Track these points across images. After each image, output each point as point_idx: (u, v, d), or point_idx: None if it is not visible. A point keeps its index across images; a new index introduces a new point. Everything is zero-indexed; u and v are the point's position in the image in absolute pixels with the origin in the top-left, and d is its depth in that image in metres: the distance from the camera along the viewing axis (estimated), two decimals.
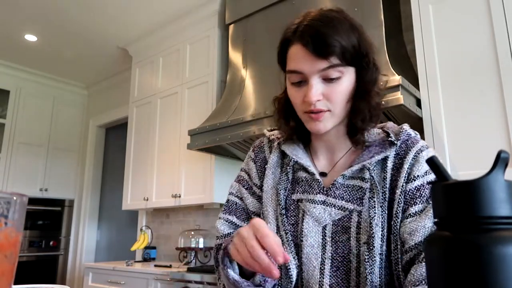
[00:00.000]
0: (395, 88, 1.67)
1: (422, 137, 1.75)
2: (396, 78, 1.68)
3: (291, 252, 0.75)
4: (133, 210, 3.58)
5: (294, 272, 0.74)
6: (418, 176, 0.72)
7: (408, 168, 0.73)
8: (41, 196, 4.19)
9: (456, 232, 0.30)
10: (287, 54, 0.75)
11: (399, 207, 0.72)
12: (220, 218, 0.87)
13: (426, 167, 0.73)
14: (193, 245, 2.93)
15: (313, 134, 0.82)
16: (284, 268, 0.75)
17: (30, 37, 3.57)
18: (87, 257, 4.26)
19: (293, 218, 0.78)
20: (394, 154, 0.76)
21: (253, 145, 0.93)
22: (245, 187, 0.88)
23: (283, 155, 0.85)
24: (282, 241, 0.76)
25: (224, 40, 2.96)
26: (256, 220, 0.61)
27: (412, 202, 0.71)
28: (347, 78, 0.72)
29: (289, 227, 0.77)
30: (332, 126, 0.75)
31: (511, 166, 0.91)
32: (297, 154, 0.81)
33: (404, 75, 1.74)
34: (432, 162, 0.33)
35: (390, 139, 0.76)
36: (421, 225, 0.69)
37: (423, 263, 0.66)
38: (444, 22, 1.79)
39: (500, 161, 0.30)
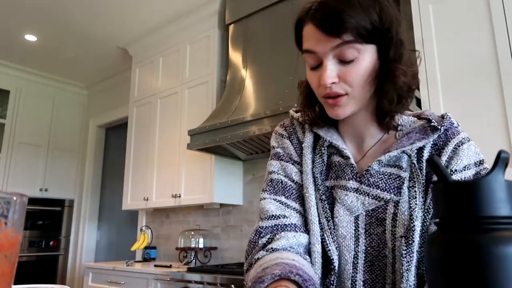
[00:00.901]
0: None
1: None
2: None
3: (333, 242, 0.69)
4: (133, 210, 3.58)
5: (336, 264, 0.68)
6: (456, 170, 0.67)
7: (446, 161, 0.68)
8: (41, 196, 4.19)
9: (456, 232, 0.30)
10: (302, 34, 0.70)
11: (432, 201, 0.67)
12: (265, 198, 0.77)
13: (465, 161, 0.68)
14: (193, 245, 2.93)
15: (340, 120, 0.76)
16: (325, 257, 0.70)
17: (30, 37, 3.57)
18: (87, 257, 4.26)
19: (328, 206, 0.72)
20: (432, 144, 0.70)
21: (282, 125, 0.84)
22: (287, 161, 0.79)
23: (316, 138, 0.78)
24: (323, 228, 0.71)
25: (224, 40, 2.96)
26: None
27: None
28: (366, 57, 0.65)
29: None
30: (353, 111, 0.68)
31: (511, 166, 0.91)
32: (333, 136, 0.75)
33: None
34: (432, 162, 0.33)
35: (433, 123, 0.69)
36: None
37: None
38: (444, 22, 1.79)
39: (500, 161, 0.30)
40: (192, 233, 3.00)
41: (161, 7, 3.11)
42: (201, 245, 2.94)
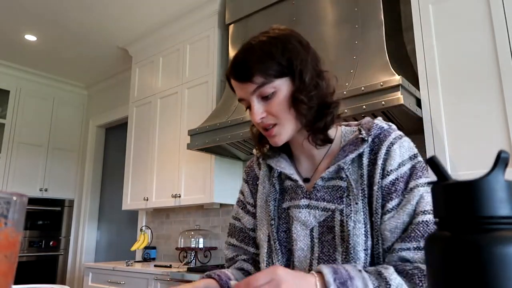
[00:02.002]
0: (395, 88, 1.67)
1: (422, 137, 1.75)
2: (396, 78, 1.68)
3: (278, 261, 0.80)
4: (133, 210, 3.58)
5: None
6: (391, 170, 0.74)
7: (381, 164, 0.75)
8: (41, 196, 4.19)
9: (456, 232, 0.30)
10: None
11: (378, 203, 0.74)
12: (225, 242, 0.96)
13: (398, 159, 0.75)
14: (193, 245, 2.93)
15: (291, 144, 0.87)
16: None
17: (30, 37, 3.57)
18: (87, 257, 4.26)
19: (285, 226, 0.83)
20: (369, 150, 0.78)
21: (245, 166, 1.00)
22: (241, 207, 0.94)
23: (270, 168, 0.90)
24: (271, 250, 0.81)
25: (224, 40, 2.96)
26: (278, 270, 0.62)
27: (389, 198, 0.73)
28: (282, 89, 0.76)
29: (282, 235, 0.82)
30: (288, 136, 0.79)
31: (511, 166, 0.91)
32: (281, 165, 0.86)
33: (404, 75, 1.74)
34: (432, 162, 0.33)
35: (361, 136, 0.78)
36: (401, 222, 0.71)
37: (394, 253, 0.71)
38: (444, 22, 1.79)
39: (500, 161, 0.30)
40: (192, 233, 3.00)
41: (161, 7, 3.11)
42: (201, 245, 2.94)
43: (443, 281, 0.29)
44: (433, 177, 0.34)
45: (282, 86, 0.76)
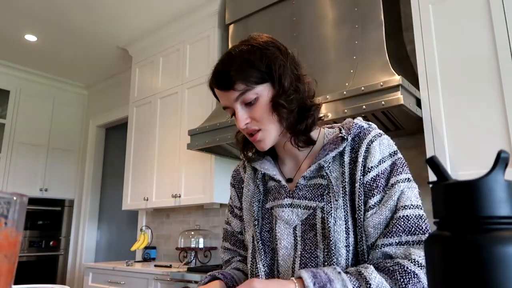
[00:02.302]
0: (395, 88, 1.67)
1: (422, 137, 1.75)
2: (396, 78, 1.68)
3: (261, 260, 0.82)
4: (133, 210, 3.58)
5: (263, 277, 0.80)
6: (372, 167, 0.76)
7: (362, 161, 0.77)
8: (41, 196, 4.19)
9: (456, 232, 0.30)
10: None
11: (360, 200, 0.75)
12: (221, 246, 1.00)
13: (379, 156, 0.77)
14: (193, 245, 2.93)
15: (276, 147, 0.89)
16: (254, 275, 0.82)
17: (30, 37, 3.57)
18: (87, 257, 4.26)
19: (268, 225, 0.85)
20: (350, 149, 0.80)
21: (233, 171, 1.02)
22: (230, 211, 0.98)
23: (254, 170, 0.93)
24: (255, 250, 0.83)
25: (224, 40, 2.96)
26: (254, 283, 0.65)
27: (371, 194, 0.75)
28: (264, 94, 0.78)
29: (265, 235, 0.84)
30: (272, 140, 0.81)
31: (511, 166, 0.91)
32: (265, 166, 0.88)
33: (404, 75, 1.74)
34: (432, 162, 0.33)
35: (340, 135, 0.80)
36: (383, 218, 0.73)
37: (377, 250, 0.72)
38: (444, 22, 1.79)
39: (500, 161, 0.30)
40: (192, 233, 3.00)
41: (161, 7, 3.11)
42: (201, 245, 2.94)
43: (443, 281, 0.30)
44: (433, 177, 0.34)
45: (263, 92, 0.78)
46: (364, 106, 1.72)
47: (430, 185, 0.33)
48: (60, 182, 4.37)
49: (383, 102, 1.68)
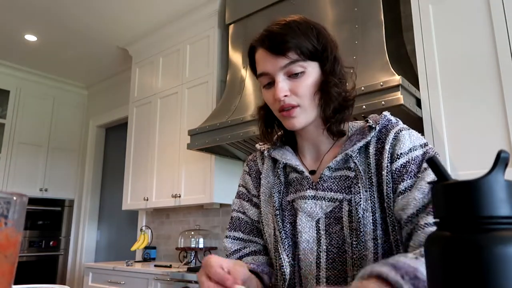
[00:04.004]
0: (395, 88, 1.67)
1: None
2: (396, 78, 1.68)
3: (285, 250, 0.77)
4: (133, 210, 3.58)
5: (287, 270, 0.76)
6: (401, 153, 0.72)
7: (390, 149, 0.74)
8: (41, 196, 4.19)
9: (456, 232, 0.30)
10: (255, 60, 0.81)
11: (389, 187, 0.72)
12: (226, 236, 0.90)
13: (409, 144, 0.73)
14: (193, 245, 2.93)
15: (298, 136, 0.86)
16: (278, 266, 0.78)
17: (30, 37, 3.57)
18: (87, 257, 4.26)
19: (291, 217, 0.80)
20: (376, 140, 0.77)
21: (246, 160, 0.97)
22: (245, 199, 0.91)
23: (274, 161, 0.88)
24: (277, 240, 0.79)
25: (224, 40, 2.96)
26: (205, 258, 0.63)
27: (400, 180, 0.71)
28: (311, 72, 0.76)
29: (288, 226, 0.79)
30: (306, 120, 0.77)
31: (511, 166, 0.91)
32: (286, 157, 0.84)
33: (404, 75, 1.74)
34: (432, 162, 0.33)
35: (368, 124, 0.78)
36: (412, 198, 0.68)
37: (419, 231, 0.65)
38: (444, 22, 1.79)
39: (500, 161, 0.30)
40: (192, 233, 3.00)
41: (161, 7, 3.11)
42: (201, 245, 2.94)
43: (443, 281, 0.30)
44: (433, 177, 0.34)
45: (311, 69, 0.76)
46: (364, 106, 1.72)
47: (430, 185, 0.33)
48: (60, 182, 4.37)
49: (383, 102, 1.68)
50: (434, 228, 0.63)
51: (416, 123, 1.83)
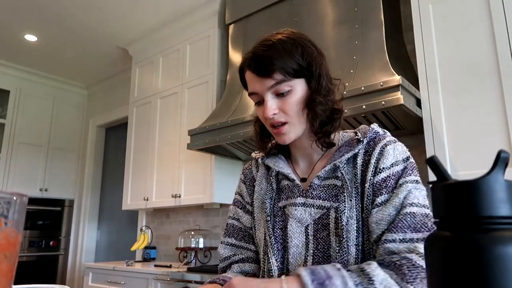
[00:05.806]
0: (395, 88, 1.67)
1: (422, 137, 1.75)
2: (396, 78, 1.68)
3: (274, 255, 0.82)
4: (133, 210, 3.58)
5: (275, 274, 0.80)
6: (384, 168, 0.77)
7: (375, 162, 0.78)
8: (41, 196, 4.19)
9: (456, 232, 0.30)
10: (246, 79, 0.84)
11: (368, 199, 0.76)
12: (221, 242, 0.96)
13: (392, 159, 0.77)
14: (193, 245, 2.93)
15: (291, 145, 0.90)
16: (266, 270, 0.83)
17: (30, 37, 3.57)
18: (87, 257, 4.26)
19: (281, 223, 0.85)
20: (364, 152, 0.81)
21: (243, 169, 1.02)
22: (240, 207, 0.96)
23: (267, 168, 0.93)
24: (267, 244, 0.84)
25: (224, 40, 2.96)
26: (233, 280, 0.67)
27: (379, 193, 0.75)
28: (298, 89, 0.79)
29: (278, 232, 0.84)
30: (296, 134, 0.81)
31: (511, 166, 0.91)
32: (279, 165, 0.89)
33: (404, 75, 1.74)
34: (432, 162, 0.33)
35: (357, 137, 0.82)
36: (387, 213, 0.73)
37: (380, 245, 0.72)
38: (444, 22, 1.79)
39: (500, 161, 0.30)
40: (192, 233, 3.00)
41: (161, 7, 3.11)
42: (201, 245, 2.94)
43: (443, 281, 0.29)
44: (433, 177, 0.34)
45: (297, 86, 0.79)
46: (364, 106, 1.72)
47: (430, 185, 0.33)
48: (60, 182, 4.37)
49: (383, 102, 1.68)
50: (390, 245, 0.70)
51: (416, 123, 1.83)
